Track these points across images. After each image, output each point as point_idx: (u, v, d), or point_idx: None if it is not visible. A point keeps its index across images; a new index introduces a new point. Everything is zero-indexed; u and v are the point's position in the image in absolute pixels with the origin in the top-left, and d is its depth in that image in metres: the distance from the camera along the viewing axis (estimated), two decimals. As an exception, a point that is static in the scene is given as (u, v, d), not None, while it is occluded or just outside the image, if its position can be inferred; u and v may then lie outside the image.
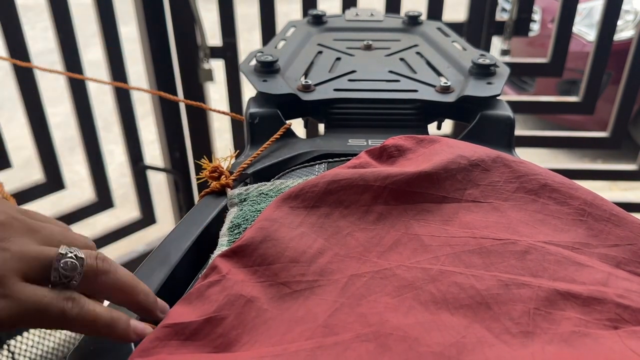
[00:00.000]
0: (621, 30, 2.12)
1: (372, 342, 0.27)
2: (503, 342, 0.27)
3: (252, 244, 0.34)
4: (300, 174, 0.48)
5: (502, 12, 2.04)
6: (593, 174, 1.50)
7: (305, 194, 0.38)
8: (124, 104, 1.35)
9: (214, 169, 0.48)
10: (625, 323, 0.28)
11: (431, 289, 0.30)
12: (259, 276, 0.32)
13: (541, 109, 1.44)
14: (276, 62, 0.60)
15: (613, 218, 0.35)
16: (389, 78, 0.60)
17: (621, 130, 1.39)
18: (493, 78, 0.58)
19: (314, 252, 0.34)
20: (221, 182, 0.46)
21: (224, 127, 1.78)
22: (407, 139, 0.44)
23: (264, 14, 1.24)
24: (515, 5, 1.25)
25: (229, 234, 0.39)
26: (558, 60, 1.29)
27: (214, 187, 0.47)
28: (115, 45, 1.27)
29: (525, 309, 0.29)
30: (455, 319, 0.28)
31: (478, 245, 0.33)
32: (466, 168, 0.39)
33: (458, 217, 0.36)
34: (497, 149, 0.42)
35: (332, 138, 0.54)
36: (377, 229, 0.36)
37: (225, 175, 0.47)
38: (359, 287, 0.31)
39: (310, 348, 0.27)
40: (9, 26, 1.12)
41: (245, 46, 0.64)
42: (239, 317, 0.29)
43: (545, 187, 0.38)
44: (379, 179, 0.38)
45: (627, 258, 0.32)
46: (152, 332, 0.29)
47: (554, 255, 0.32)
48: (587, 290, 0.30)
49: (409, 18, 0.75)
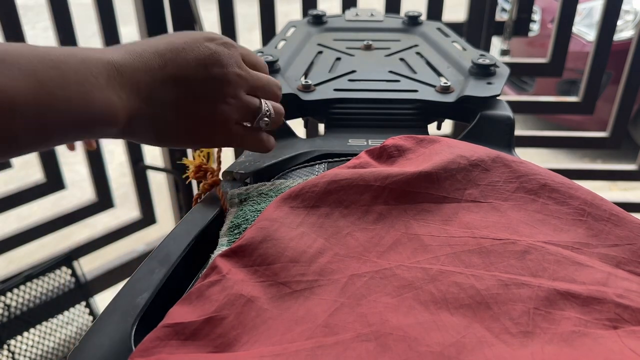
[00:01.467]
0: (621, 30, 2.12)
1: (372, 342, 0.27)
2: (503, 341, 0.27)
3: (252, 244, 0.34)
4: (300, 174, 0.48)
5: (502, 12, 2.04)
6: (593, 174, 1.50)
7: (305, 194, 0.38)
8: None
9: (198, 168, 0.47)
10: (625, 323, 0.28)
11: (431, 289, 0.30)
12: (259, 276, 0.32)
13: (541, 109, 1.44)
14: (276, 62, 0.60)
15: (613, 218, 0.35)
16: (389, 78, 0.60)
17: (621, 130, 1.39)
18: (493, 78, 0.58)
19: (314, 252, 0.34)
20: (208, 182, 0.46)
21: (224, 127, 1.78)
22: (407, 139, 0.44)
23: (264, 14, 1.24)
24: (515, 5, 1.25)
25: (229, 233, 0.39)
26: (558, 60, 1.29)
27: (203, 189, 0.46)
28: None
29: (525, 309, 0.29)
30: (455, 318, 0.29)
31: (478, 245, 0.33)
32: (466, 168, 0.39)
33: (458, 217, 0.36)
34: (497, 149, 0.42)
35: (332, 138, 0.54)
36: (377, 229, 0.36)
37: (211, 171, 0.47)
38: (359, 287, 0.31)
39: (310, 348, 0.27)
40: (9, 26, 1.12)
41: (245, 46, 0.64)
42: (239, 317, 0.30)
43: (545, 187, 0.38)
44: (379, 179, 0.38)
45: (627, 258, 0.32)
46: (153, 331, 0.29)
47: (554, 255, 0.32)
48: (587, 290, 0.30)
49: (409, 18, 0.76)
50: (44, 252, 1.39)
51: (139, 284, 0.36)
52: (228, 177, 0.49)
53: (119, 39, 1.27)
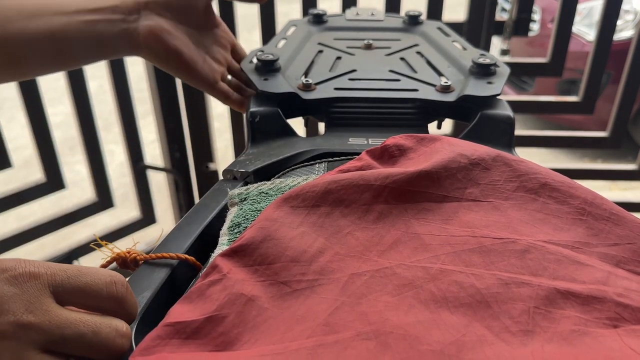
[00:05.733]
0: (621, 30, 2.12)
1: (373, 341, 0.27)
2: (503, 340, 0.27)
3: (253, 244, 0.34)
4: (300, 173, 0.48)
5: (502, 12, 2.04)
6: (593, 173, 1.50)
7: (305, 194, 0.38)
8: (124, 104, 1.35)
9: (116, 259, 0.39)
10: (625, 322, 0.28)
11: (431, 288, 0.31)
12: (259, 275, 0.32)
13: (541, 108, 1.44)
14: (277, 61, 0.60)
15: (613, 217, 0.35)
16: (389, 77, 0.60)
17: (621, 130, 1.39)
18: (493, 77, 0.58)
19: (315, 252, 0.34)
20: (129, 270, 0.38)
21: (224, 127, 1.78)
22: (407, 138, 0.44)
23: (264, 14, 1.24)
24: (515, 5, 1.25)
25: (229, 233, 0.39)
26: (558, 60, 1.29)
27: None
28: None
29: (525, 308, 0.29)
30: (455, 317, 0.29)
31: (478, 244, 0.33)
32: (466, 167, 0.39)
33: (458, 216, 0.36)
34: (498, 149, 0.42)
35: (332, 137, 0.54)
36: (377, 228, 0.36)
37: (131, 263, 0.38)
38: (359, 285, 0.31)
39: (311, 346, 0.27)
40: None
41: (245, 46, 0.64)
42: (239, 316, 0.30)
43: (545, 186, 0.38)
44: (379, 178, 0.38)
45: (627, 257, 0.33)
46: (153, 330, 0.29)
47: (554, 254, 0.32)
48: (587, 289, 0.30)
49: (409, 18, 0.76)
50: (44, 252, 1.39)
51: (140, 283, 0.36)
52: (228, 176, 0.49)
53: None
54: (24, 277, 0.27)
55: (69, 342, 0.28)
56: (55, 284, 0.28)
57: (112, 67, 1.29)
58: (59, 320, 0.27)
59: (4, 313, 0.26)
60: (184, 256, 0.38)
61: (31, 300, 0.27)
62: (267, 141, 0.54)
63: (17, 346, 0.26)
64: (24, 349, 0.27)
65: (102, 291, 0.29)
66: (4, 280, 0.27)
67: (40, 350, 0.27)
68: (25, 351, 0.26)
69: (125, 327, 0.30)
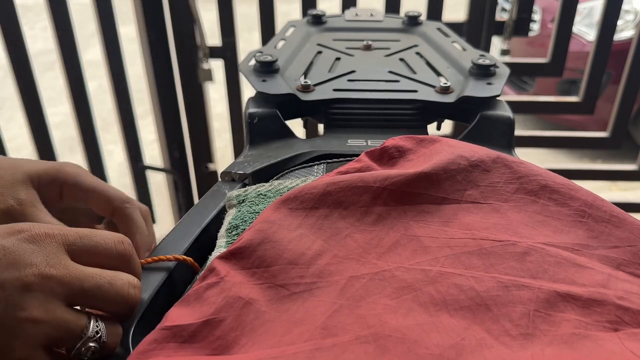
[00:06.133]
0: (621, 30, 2.12)
1: (371, 344, 0.27)
2: (502, 343, 0.27)
3: (251, 246, 0.33)
4: (299, 174, 0.47)
5: (502, 12, 2.04)
6: (593, 174, 1.50)
7: (304, 196, 0.37)
8: (123, 104, 1.35)
9: None
10: (626, 325, 0.28)
11: (430, 291, 0.30)
12: (257, 278, 0.32)
13: (541, 109, 1.44)
14: (275, 62, 0.60)
15: (613, 219, 0.35)
16: (388, 78, 0.60)
17: (621, 130, 1.39)
18: (493, 78, 0.58)
19: (313, 254, 0.33)
20: None
21: (223, 127, 1.78)
22: (407, 140, 0.43)
23: (263, 14, 1.24)
24: (515, 5, 1.24)
25: (227, 235, 0.39)
26: (558, 60, 1.29)
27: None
28: (114, 46, 1.27)
29: (525, 311, 0.29)
30: (454, 320, 0.28)
31: (478, 247, 0.33)
32: (466, 169, 0.39)
33: (458, 218, 0.36)
34: (497, 150, 0.42)
35: (331, 138, 0.54)
36: (376, 230, 0.36)
37: None
38: (358, 288, 0.31)
39: (309, 350, 0.26)
40: (8, 26, 1.12)
41: (244, 46, 0.64)
42: (237, 319, 0.29)
43: (545, 188, 0.37)
44: (378, 180, 0.38)
45: (628, 260, 0.32)
46: (150, 334, 0.28)
47: (554, 256, 0.32)
48: (587, 292, 0.30)
49: (409, 18, 0.75)
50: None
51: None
52: (227, 178, 0.49)
53: (118, 39, 1.27)
54: (40, 236, 0.30)
55: (89, 294, 0.30)
56: (69, 242, 0.31)
57: (112, 67, 1.28)
58: (78, 274, 0.30)
59: (28, 266, 0.29)
60: (182, 257, 0.38)
61: (50, 256, 0.30)
62: (265, 142, 0.53)
63: (43, 297, 0.29)
64: (50, 301, 0.29)
65: (112, 249, 0.32)
66: (22, 240, 0.30)
67: (63, 303, 0.29)
68: (50, 303, 0.29)
69: (135, 280, 0.33)
